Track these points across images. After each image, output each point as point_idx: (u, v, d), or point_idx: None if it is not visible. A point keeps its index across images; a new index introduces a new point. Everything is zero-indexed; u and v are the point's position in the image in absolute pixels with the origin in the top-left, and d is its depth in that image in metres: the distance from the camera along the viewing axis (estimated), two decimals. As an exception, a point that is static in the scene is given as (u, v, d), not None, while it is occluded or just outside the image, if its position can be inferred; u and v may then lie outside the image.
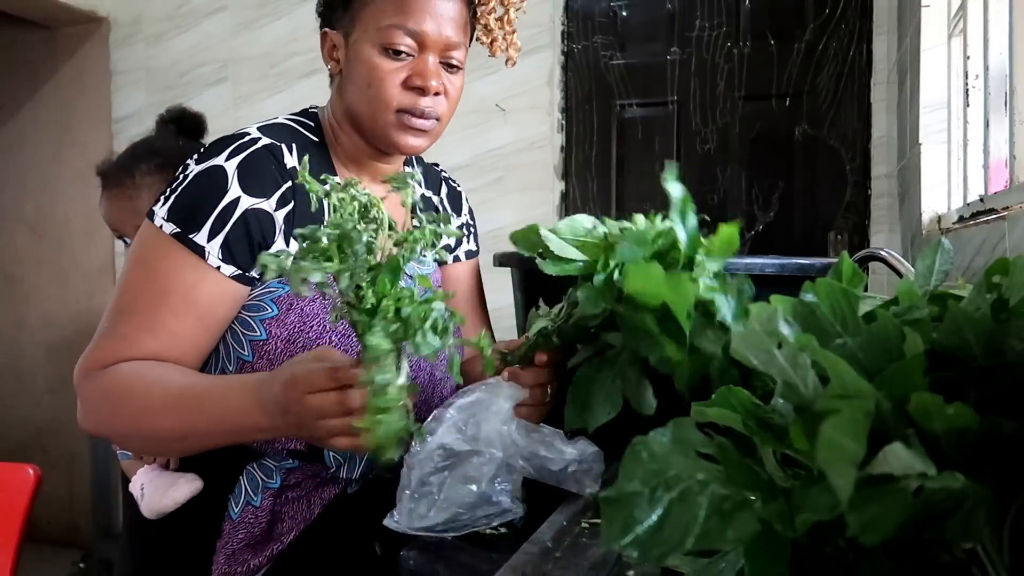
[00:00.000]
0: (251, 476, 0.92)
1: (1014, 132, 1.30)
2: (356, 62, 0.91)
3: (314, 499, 0.94)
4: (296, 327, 0.87)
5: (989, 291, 0.43)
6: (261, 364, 0.88)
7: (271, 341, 0.87)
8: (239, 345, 0.89)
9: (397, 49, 0.89)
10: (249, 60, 2.98)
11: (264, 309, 0.88)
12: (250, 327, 0.88)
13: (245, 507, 0.91)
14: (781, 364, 0.39)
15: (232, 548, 0.90)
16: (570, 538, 0.63)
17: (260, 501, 0.91)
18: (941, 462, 0.37)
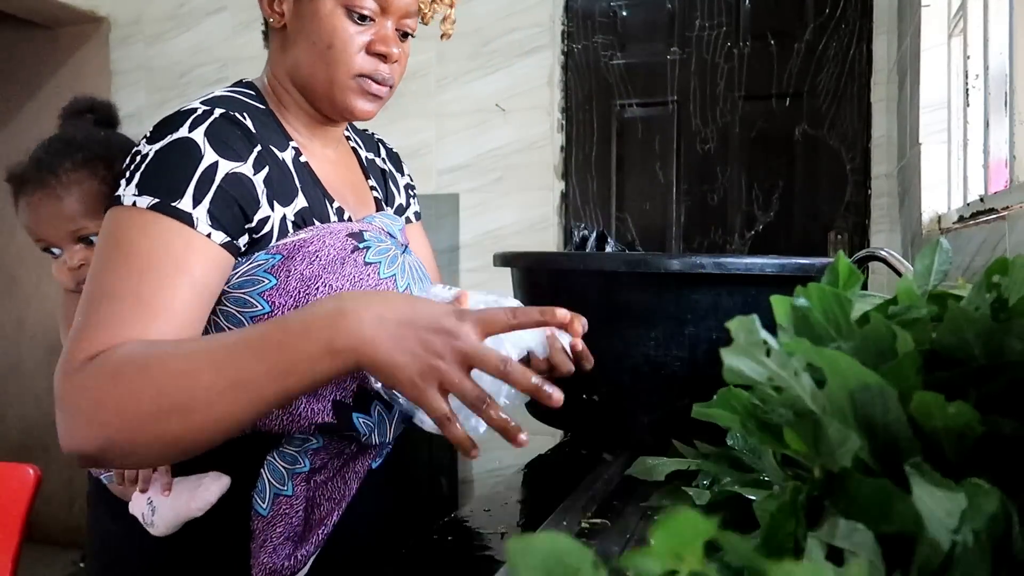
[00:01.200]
0: (273, 467, 0.85)
1: (1014, 132, 1.30)
2: (313, 20, 0.87)
3: (348, 475, 0.90)
4: (300, 292, 0.81)
5: (989, 291, 0.43)
6: None
7: (277, 312, 0.80)
8: (238, 326, 0.81)
9: (363, 14, 0.86)
10: (249, 60, 2.98)
11: (260, 282, 0.81)
12: (248, 303, 0.81)
13: (275, 500, 0.84)
14: (773, 370, 0.39)
15: (272, 545, 0.84)
16: (570, 538, 0.63)
17: (292, 489, 0.85)
18: (942, 462, 0.37)
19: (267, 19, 0.91)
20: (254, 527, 0.84)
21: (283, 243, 0.83)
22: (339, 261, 0.83)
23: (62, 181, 0.90)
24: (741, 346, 0.40)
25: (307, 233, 0.84)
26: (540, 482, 0.99)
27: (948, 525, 0.31)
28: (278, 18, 0.89)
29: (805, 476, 0.43)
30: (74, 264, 0.90)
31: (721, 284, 0.88)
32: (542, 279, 1.03)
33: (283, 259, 0.82)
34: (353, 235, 0.87)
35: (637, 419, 0.93)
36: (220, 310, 0.81)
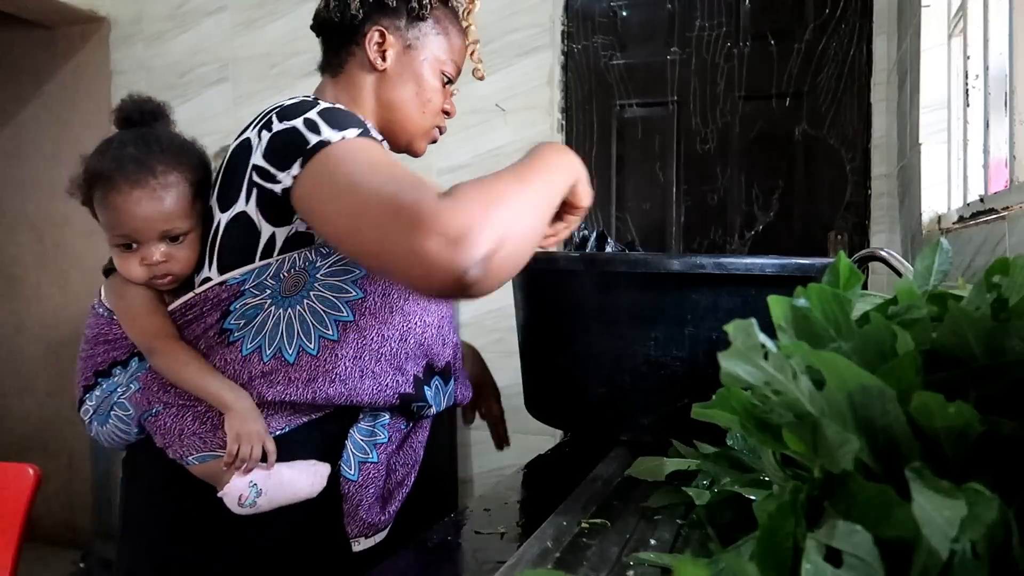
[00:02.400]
0: (355, 440, 0.97)
1: (1014, 132, 1.30)
2: (420, 76, 1.05)
3: (414, 444, 1.04)
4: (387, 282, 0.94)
5: (989, 291, 0.43)
6: (366, 321, 0.93)
7: (368, 298, 0.93)
8: (336, 309, 0.92)
9: (448, 78, 1.09)
10: (249, 60, 2.98)
11: (351, 271, 0.93)
12: (343, 290, 0.92)
13: (362, 466, 0.96)
14: (771, 373, 0.39)
15: (367, 504, 0.96)
16: (570, 538, 0.63)
17: (376, 456, 0.97)
18: (942, 462, 0.37)
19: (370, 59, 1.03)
20: (346, 491, 0.95)
21: None
22: None
23: (160, 181, 0.93)
24: (738, 350, 0.40)
25: None
26: (540, 482, 0.99)
27: (947, 533, 0.31)
28: (382, 62, 1.04)
29: (805, 476, 0.43)
30: (155, 260, 0.94)
31: (721, 284, 0.88)
32: (542, 280, 1.03)
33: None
34: None
35: (637, 419, 0.93)
36: (315, 295, 0.91)
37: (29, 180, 3.28)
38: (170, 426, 0.94)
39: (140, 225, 0.93)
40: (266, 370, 0.92)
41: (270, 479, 0.92)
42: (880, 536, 0.34)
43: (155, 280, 0.96)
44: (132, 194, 0.93)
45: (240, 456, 0.90)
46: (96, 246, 3.15)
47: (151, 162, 0.93)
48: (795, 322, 0.43)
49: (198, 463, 0.94)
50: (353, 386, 0.93)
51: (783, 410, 0.41)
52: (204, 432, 0.93)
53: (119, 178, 0.93)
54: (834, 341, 0.42)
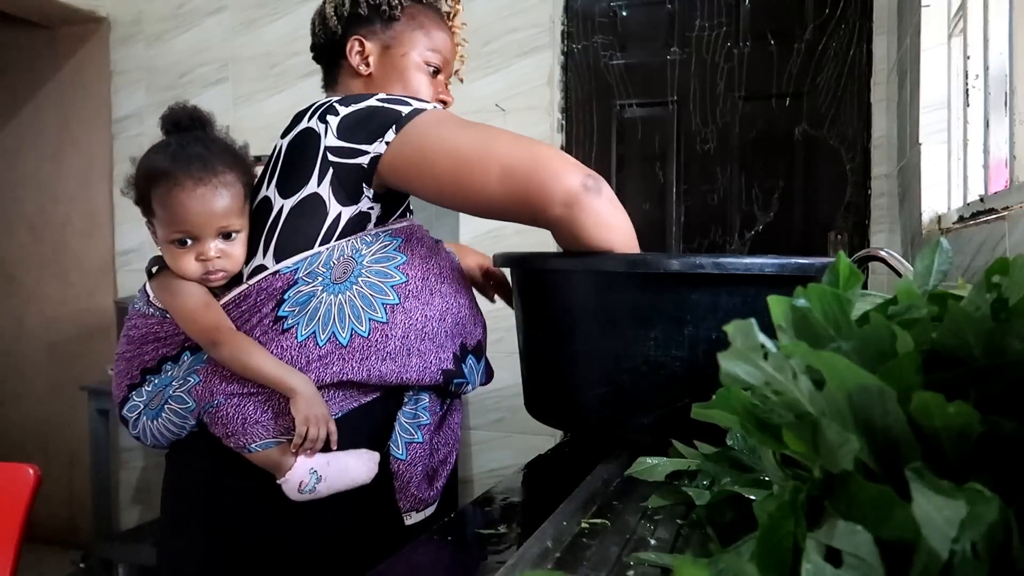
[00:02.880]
0: (401, 424, 1.03)
1: (1014, 132, 1.30)
2: (403, 71, 1.13)
3: (452, 424, 1.12)
4: (423, 266, 1.03)
5: (989, 291, 0.43)
6: (410, 303, 1.00)
7: (411, 282, 1.01)
8: (383, 294, 0.99)
9: (434, 68, 1.14)
10: (249, 60, 2.98)
11: (393, 258, 1.01)
12: (388, 275, 1.00)
13: (408, 447, 1.02)
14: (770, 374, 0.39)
15: (416, 481, 1.02)
16: (570, 538, 0.63)
17: (422, 437, 1.03)
18: (942, 462, 0.37)
19: (355, 66, 1.13)
20: (396, 469, 1.01)
21: (398, 227, 1.03)
22: (435, 245, 1.08)
23: (221, 180, 0.98)
24: (738, 350, 0.40)
25: (407, 222, 1.05)
26: (540, 482, 0.99)
27: (947, 534, 0.31)
28: (365, 68, 1.13)
29: (805, 476, 0.43)
30: (212, 255, 0.99)
31: (720, 284, 0.87)
32: (540, 280, 1.03)
33: (404, 241, 1.03)
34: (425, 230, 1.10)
35: (636, 420, 0.93)
36: (363, 281, 0.98)
37: (29, 180, 3.28)
38: (232, 415, 0.98)
39: (201, 220, 0.98)
40: (322, 354, 0.97)
41: (329, 466, 0.97)
42: (880, 536, 0.34)
43: (208, 276, 1.00)
44: (196, 191, 0.97)
45: (309, 437, 0.94)
46: (96, 246, 3.17)
47: (213, 161, 0.99)
48: (795, 322, 0.43)
49: (260, 450, 0.98)
50: (402, 363, 0.99)
51: (783, 410, 0.41)
52: (266, 420, 0.97)
53: (182, 175, 0.97)
54: (834, 341, 0.42)
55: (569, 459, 1.07)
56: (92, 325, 3.16)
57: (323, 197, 0.97)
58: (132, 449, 3.16)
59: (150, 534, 2.76)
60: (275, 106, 2.89)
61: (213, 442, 1.00)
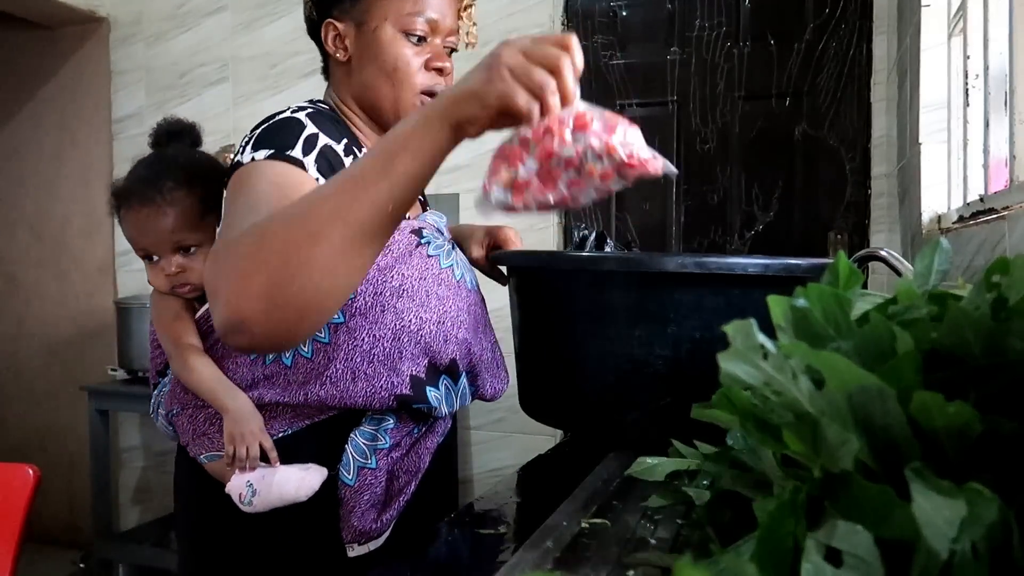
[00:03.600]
0: (356, 444, 0.96)
1: (1014, 132, 1.29)
2: (376, 48, 0.99)
3: (421, 451, 1.03)
4: (377, 280, 0.93)
5: (989, 290, 0.43)
6: (356, 322, 0.93)
7: (359, 298, 0.92)
8: None
9: (418, 35, 0.99)
10: (249, 60, 2.98)
11: None
12: None
13: (360, 471, 0.96)
14: (770, 374, 0.39)
15: (360, 511, 0.95)
16: (570, 538, 0.63)
17: (376, 462, 0.96)
18: (942, 461, 0.37)
19: (331, 55, 1.03)
20: (342, 495, 0.95)
21: None
22: (407, 254, 0.96)
23: (166, 198, 1.02)
24: (738, 350, 0.40)
25: None
26: (540, 482, 0.99)
27: (947, 534, 0.31)
28: (343, 53, 1.02)
29: (805, 476, 0.43)
30: (171, 271, 1.03)
31: (706, 284, 0.87)
32: (534, 280, 1.03)
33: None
34: (415, 231, 0.98)
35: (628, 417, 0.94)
36: None
37: (29, 180, 3.28)
38: (186, 426, 1.00)
39: (152, 240, 1.03)
40: (267, 373, 0.95)
41: (263, 480, 0.95)
42: (880, 536, 0.34)
43: (177, 289, 1.04)
44: (142, 212, 1.02)
45: (237, 456, 0.94)
46: (96, 246, 3.16)
47: (159, 182, 1.02)
48: (795, 322, 0.43)
49: (207, 461, 1.00)
50: (345, 388, 0.93)
51: (783, 410, 0.41)
52: (212, 432, 0.98)
53: (132, 199, 1.03)
54: (834, 341, 0.42)
55: (569, 459, 1.07)
56: (92, 325, 3.15)
57: None
58: (132, 449, 3.16)
59: (150, 534, 2.77)
60: (275, 106, 2.88)
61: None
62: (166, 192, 1.02)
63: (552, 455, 1.11)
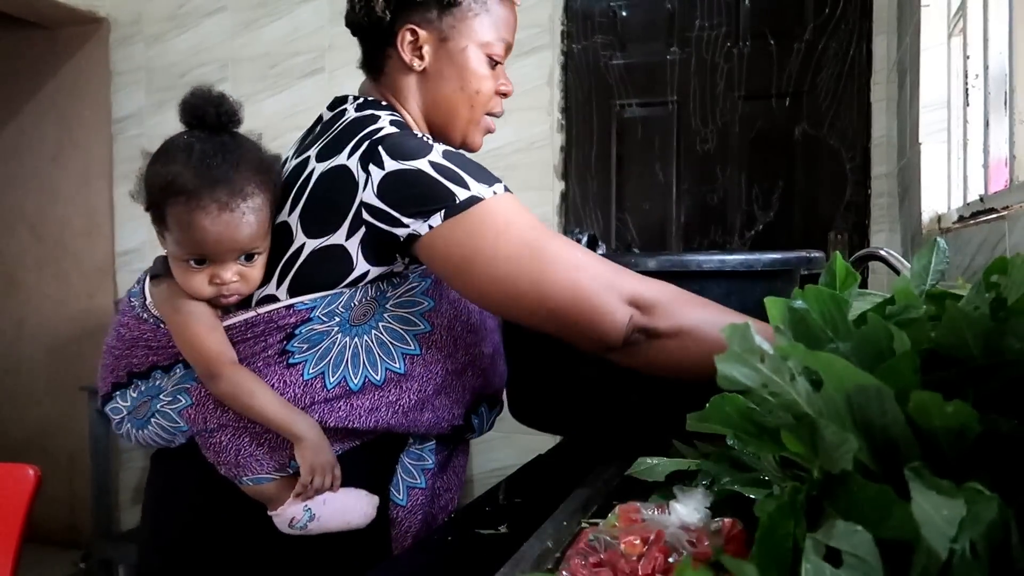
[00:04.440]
0: (405, 465, 0.97)
1: (1014, 132, 1.29)
2: (462, 68, 0.99)
3: (456, 468, 1.06)
4: (451, 314, 0.95)
5: (988, 290, 0.43)
6: (431, 355, 0.94)
7: (435, 331, 0.94)
8: (404, 342, 0.92)
9: (497, 59, 1.02)
10: (249, 60, 2.98)
11: (419, 303, 0.93)
12: (411, 322, 0.93)
13: (410, 492, 0.96)
14: (767, 375, 0.39)
15: (415, 530, 0.96)
16: (570, 538, 0.63)
17: (424, 482, 0.98)
18: (941, 461, 0.37)
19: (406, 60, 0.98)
20: (394, 515, 0.96)
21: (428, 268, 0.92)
22: None
23: (250, 204, 0.88)
24: (735, 353, 0.40)
25: None
26: (540, 482, 0.99)
27: (946, 533, 0.31)
28: (419, 62, 0.99)
29: (805, 476, 0.43)
30: (227, 279, 0.89)
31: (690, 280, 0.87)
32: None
33: (433, 283, 0.94)
34: None
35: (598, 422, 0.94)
36: (383, 326, 0.91)
37: (29, 180, 3.27)
38: (226, 446, 0.91)
39: (224, 248, 0.88)
40: (329, 396, 0.90)
41: (325, 505, 0.90)
42: (879, 536, 0.34)
43: (224, 298, 0.91)
44: (221, 217, 0.86)
45: (315, 487, 0.88)
46: (96, 246, 3.16)
47: (241, 183, 0.87)
48: (793, 324, 0.43)
49: (252, 484, 0.92)
50: (414, 418, 0.93)
51: (781, 412, 0.41)
52: (261, 455, 0.90)
53: (206, 198, 0.86)
54: (831, 342, 0.42)
55: (569, 459, 1.07)
56: (92, 325, 3.15)
57: (350, 252, 0.88)
58: (132, 449, 3.16)
59: (150, 534, 2.76)
60: (275, 106, 2.89)
61: (203, 462, 0.93)
62: (249, 197, 0.87)
63: (552, 455, 1.11)
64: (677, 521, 0.49)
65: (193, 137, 0.90)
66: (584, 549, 0.49)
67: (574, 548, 0.50)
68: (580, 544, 0.50)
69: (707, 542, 0.45)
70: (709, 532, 0.47)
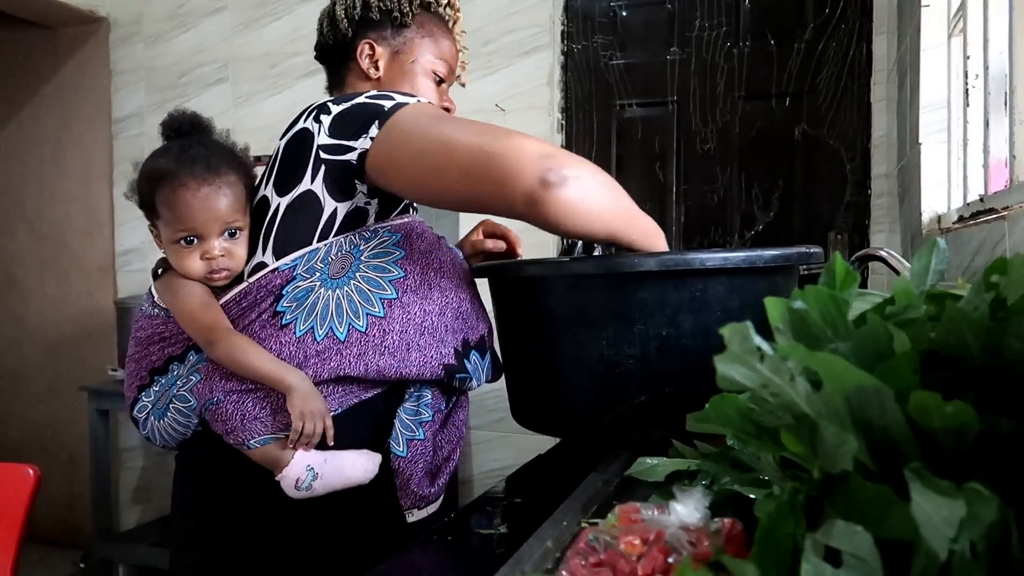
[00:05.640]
0: (402, 420, 1.03)
1: (1014, 132, 1.30)
2: (411, 79, 1.14)
3: (456, 421, 1.12)
4: (422, 261, 1.03)
5: (987, 290, 0.43)
6: (408, 297, 1.00)
7: (409, 277, 1.01)
8: (380, 288, 1.00)
9: (440, 78, 1.17)
10: (249, 60, 2.98)
11: (392, 253, 1.02)
12: (386, 270, 1.01)
13: (409, 443, 1.02)
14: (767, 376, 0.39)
15: (417, 478, 1.02)
16: (570, 538, 0.63)
17: (423, 433, 1.03)
18: (940, 461, 0.37)
19: (364, 69, 1.15)
20: (396, 467, 1.01)
21: (397, 224, 1.03)
22: (436, 240, 1.07)
23: (225, 180, 1.01)
24: (734, 353, 0.40)
25: (409, 218, 1.05)
26: (540, 482, 0.99)
27: (946, 534, 0.31)
28: (375, 71, 1.15)
29: (805, 476, 0.43)
30: (215, 253, 1.01)
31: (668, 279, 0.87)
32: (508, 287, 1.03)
33: (403, 236, 1.03)
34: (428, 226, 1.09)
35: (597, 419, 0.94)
36: (360, 276, 0.99)
37: (29, 180, 3.28)
38: (231, 412, 0.99)
39: (206, 218, 1.00)
40: (320, 349, 0.97)
41: (326, 464, 0.97)
42: (879, 536, 0.34)
43: (212, 275, 1.02)
44: (200, 190, 1.00)
45: (305, 433, 0.95)
46: (96, 246, 3.17)
47: (215, 161, 1.02)
48: (792, 324, 0.43)
49: (259, 446, 0.99)
50: (401, 357, 0.99)
51: (781, 412, 0.41)
52: (264, 416, 0.98)
53: (186, 175, 1.01)
54: (831, 342, 0.42)
55: (569, 459, 1.07)
56: (92, 325, 3.16)
57: (317, 194, 0.98)
58: (132, 449, 3.16)
59: (150, 534, 2.77)
60: (275, 106, 2.89)
61: (215, 442, 1.01)
62: (224, 173, 1.02)
63: (552, 455, 1.11)
64: (677, 521, 0.49)
65: (180, 141, 1.06)
66: (584, 549, 0.49)
67: (573, 548, 0.51)
68: (580, 544, 0.50)
69: (707, 542, 0.45)
70: (709, 532, 0.47)
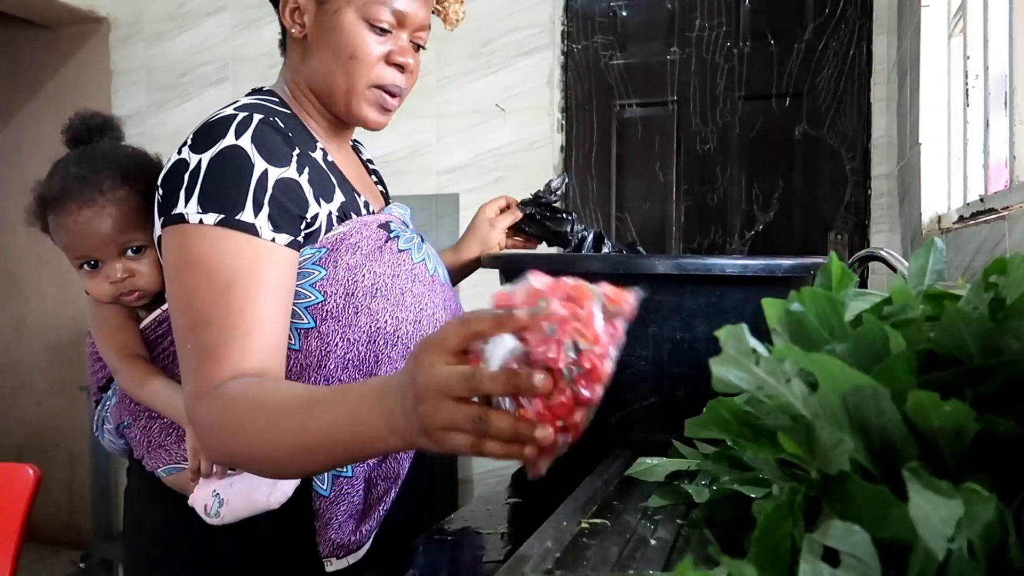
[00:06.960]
0: None
1: (1014, 132, 1.29)
2: (335, 32, 0.91)
3: (399, 456, 0.94)
4: (348, 280, 0.88)
5: (987, 291, 0.43)
6: (327, 326, 0.87)
7: (329, 300, 0.87)
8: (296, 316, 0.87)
9: (382, 26, 0.91)
10: (249, 60, 2.98)
11: (311, 274, 0.87)
12: (303, 295, 0.87)
13: (335, 481, 0.89)
14: (762, 378, 0.39)
15: (337, 522, 0.88)
16: (570, 538, 0.63)
17: (351, 470, 0.89)
18: (938, 461, 0.37)
19: (287, 29, 0.95)
20: (317, 507, 0.88)
21: (326, 237, 0.88)
22: (377, 250, 0.90)
23: (108, 198, 0.93)
24: (730, 355, 0.40)
25: (345, 227, 0.89)
26: (540, 482, 0.99)
27: (944, 533, 0.31)
28: (299, 29, 0.93)
29: (803, 476, 0.43)
30: (118, 276, 0.93)
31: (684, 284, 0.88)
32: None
33: (328, 251, 0.88)
34: (382, 226, 0.93)
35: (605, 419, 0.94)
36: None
37: (29, 180, 3.26)
38: (140, 438, 0.95)
39: (95, 243, 0.93)
40: None
41: (231, 488, 0.88)
42: (877, 536, 0.34)
43: (123, 297, 0.95)
44: (82, 214, 0.93)
45: (202, 471, 0.88)
46: (96, 246, 3.16)
47: (96, 179, 0.93)
48: (789, 325, 0.43)
49: (166, 475, 0.94)
50: None
51: (777, 414, 0.41)
52: (169, 444, 0.93)
53: (67, 200, 0.93)
54: (828, 343, 0.42)
55: (569, 459, 1.07)
56: (92, 325, 3.15)
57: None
58: (132, 449, 3.16)
59: (150, 534, 2.76)
60: (275, 106, 2.89)
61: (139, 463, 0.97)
62: (107, 190, 0.92)
63: (552, 455, 1.11)
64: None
65: (67, 156, 0.98)
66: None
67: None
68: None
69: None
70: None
